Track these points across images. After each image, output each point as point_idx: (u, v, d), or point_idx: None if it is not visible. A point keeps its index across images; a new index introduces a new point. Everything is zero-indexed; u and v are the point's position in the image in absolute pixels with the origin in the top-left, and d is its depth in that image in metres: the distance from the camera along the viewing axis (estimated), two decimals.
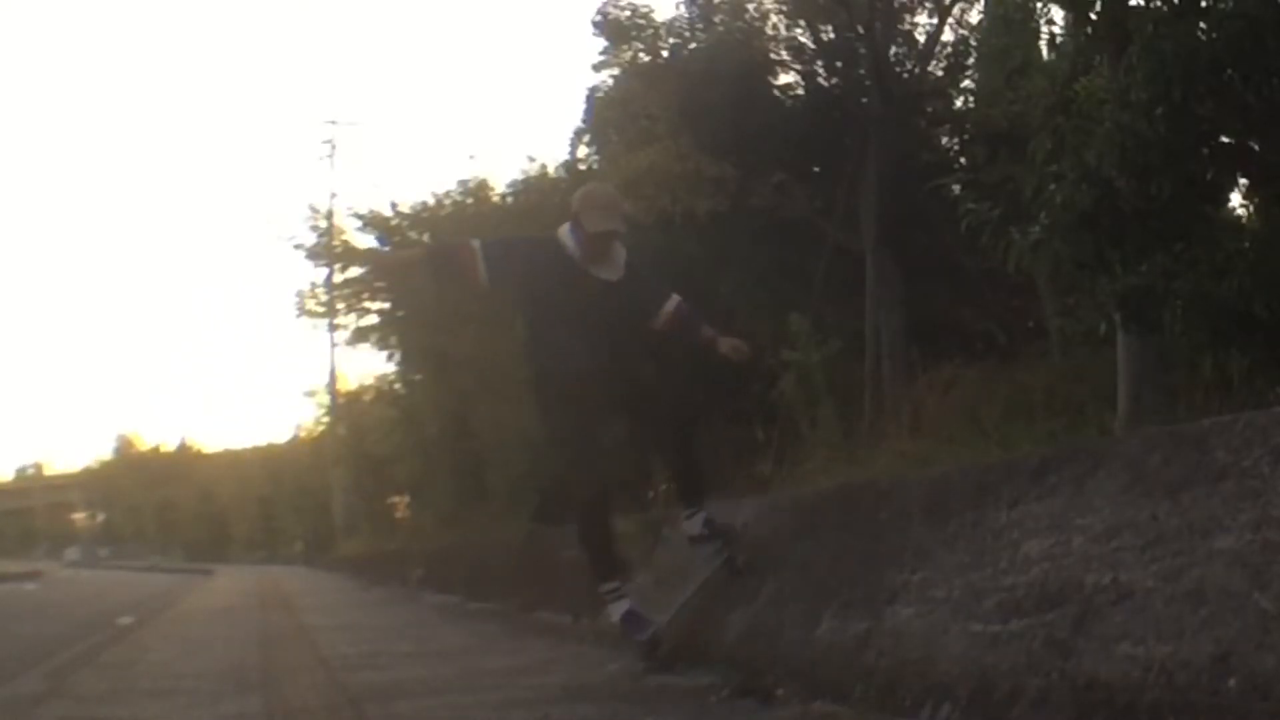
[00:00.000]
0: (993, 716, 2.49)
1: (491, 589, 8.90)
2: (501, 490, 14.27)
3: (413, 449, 20.33)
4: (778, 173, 11.17)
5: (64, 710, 4.10)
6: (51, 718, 3.97)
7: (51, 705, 4.23)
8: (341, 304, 18.87)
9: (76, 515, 70.25)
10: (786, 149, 11.39)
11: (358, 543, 25.21)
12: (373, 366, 37.40)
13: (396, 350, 18.60)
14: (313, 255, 18.00)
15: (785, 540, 4.18)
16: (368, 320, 17.78)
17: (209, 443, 70.43)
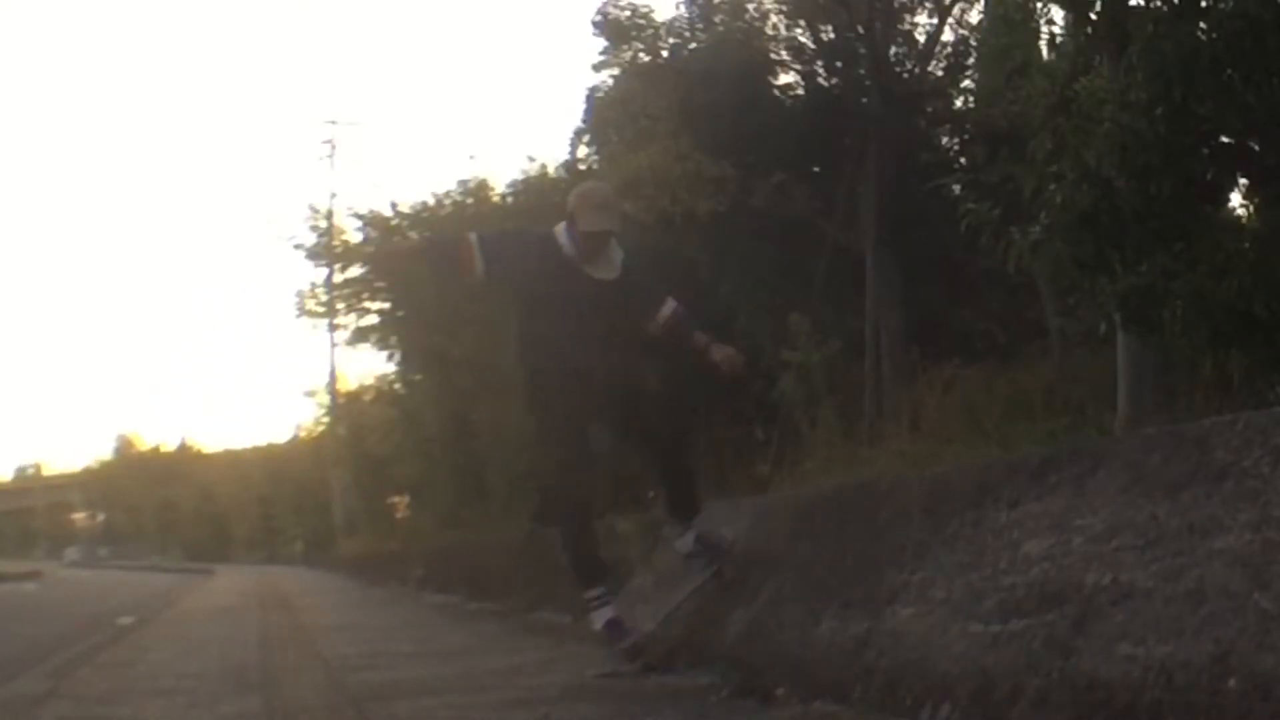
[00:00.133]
0: (993, 716, 2.49)
1: (491, 589, 8.90)
2: (501, 490, 14.26)
3: (413, 449, 20.33)
4: (778, 173, 11.16)
5: (64, 710, 4.10)
6: (51, 718, 3.97)
7: (51, 705, 4.23)
8: (341, 304, 18.93)
9: (76, 515, 70.21)
10: (786, 149, 11.39)
11: (358, 543, 25.18)
12: (373, 366, 37.36)
13: (396, 350, 18.62)
14: (313, 255, 18.07)
15: (785, 540, 4.18)
16: (368, 320, 17.84)
17: (209, 443, 70.57)
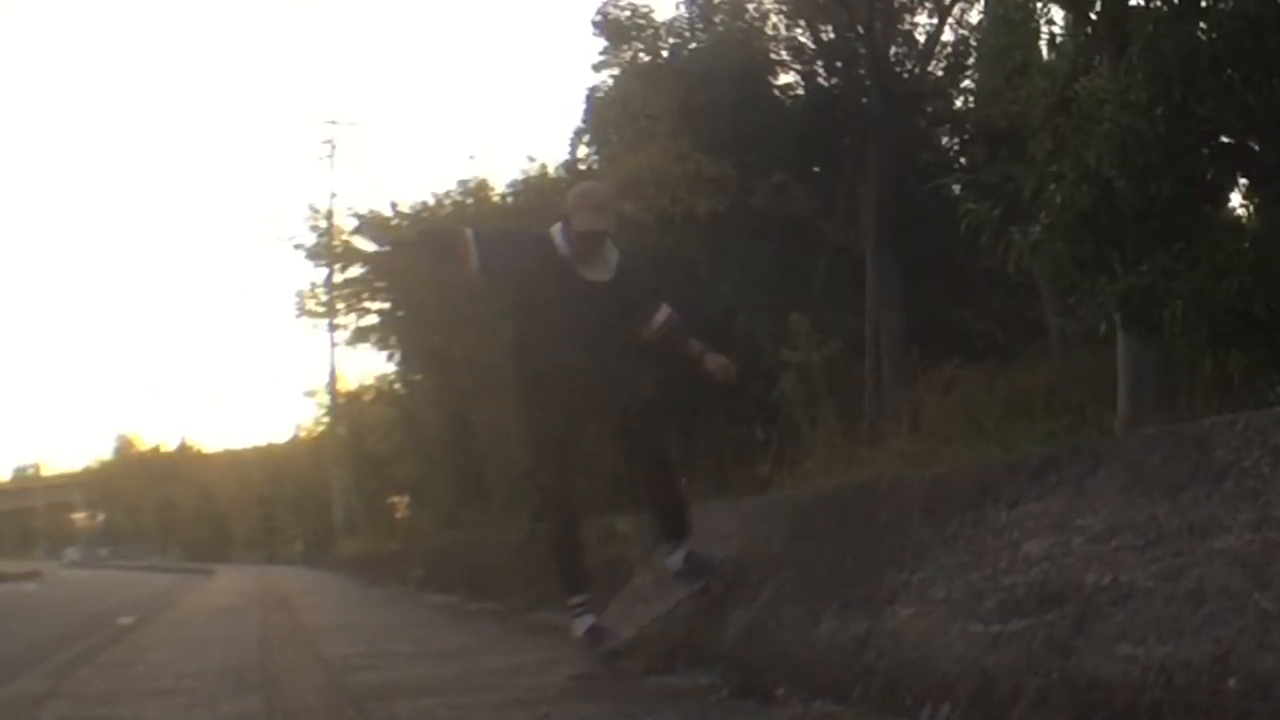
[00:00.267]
0: (993, 716, 2.49)
1: (491, 589, 8.90)
2: (501, 490, 14.26)
3: (413, 449, 20.34)
4: (778, 173, 11.18)
5: (64, 710, 4.10)
6: (51, 718, 3.97)
7: (51, 705, 4.22)
8: (341, 304, 18.90)
9: (76, 515, 70.20)
10: (786, 149, 11.40)
11: (358, 543, 25.17)
12: (373, 366, 37.37)
13: (396, 350, 18.61)
14: (313, 255, 18.04)
15: (785, 540, 4.18)
16: (368, 320, 17.81)
17: (209, 443, 70.53)
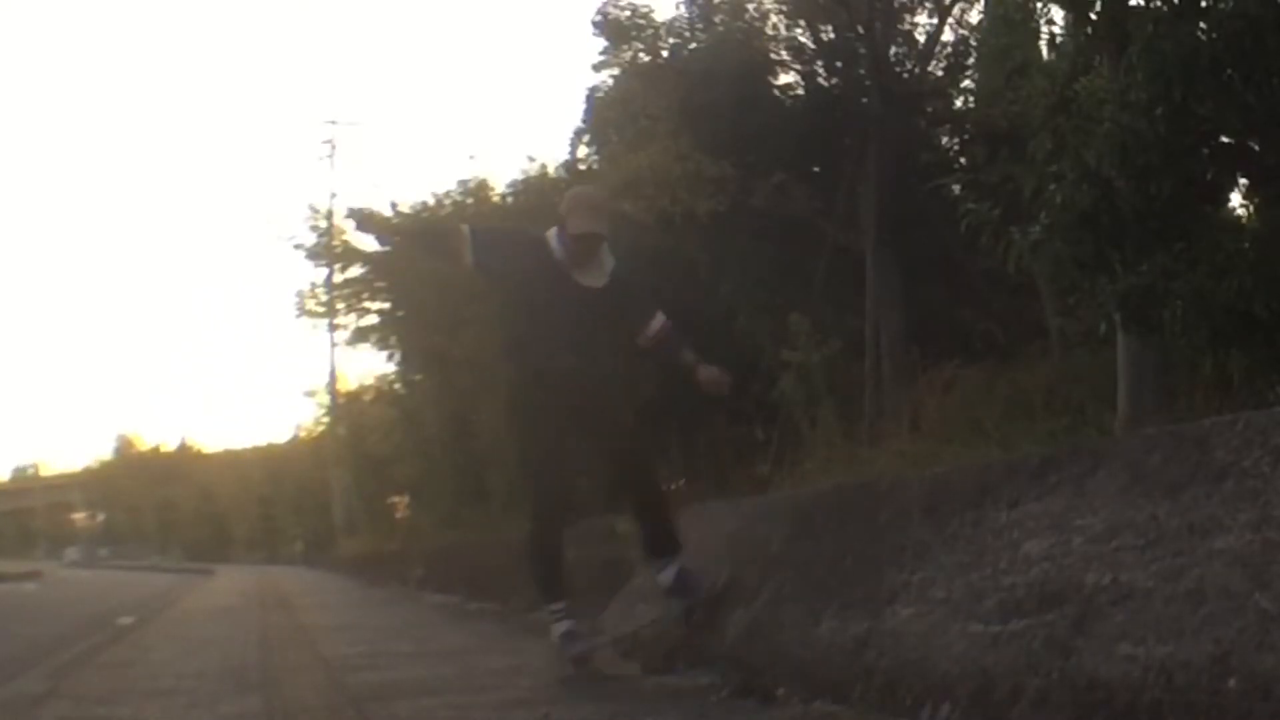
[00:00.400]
0: (993, 716, 2.49)
1: (491, 589, 8.89)
2: (501, 490, 14.25)
3: (413, 449, 20.32)
4: (778, 173, 11.17)
5: (64, 710, 4.10)
6: (51, 718, 3.97)
7: (51, 705, 4.22)
8: (341, 304, 18.90)
9: (76, 515, 70.15)
10: (786, 149, 11.40)
11: (358, 543, 25.16)
12: (373, 366, 37.37)
13: (396, 350, 18.60)
14: (313, 255, 18.04)
15: (785, 540, 4.18)
16: (368, 320, 17.80)
17: (209, 443, 70.52)
